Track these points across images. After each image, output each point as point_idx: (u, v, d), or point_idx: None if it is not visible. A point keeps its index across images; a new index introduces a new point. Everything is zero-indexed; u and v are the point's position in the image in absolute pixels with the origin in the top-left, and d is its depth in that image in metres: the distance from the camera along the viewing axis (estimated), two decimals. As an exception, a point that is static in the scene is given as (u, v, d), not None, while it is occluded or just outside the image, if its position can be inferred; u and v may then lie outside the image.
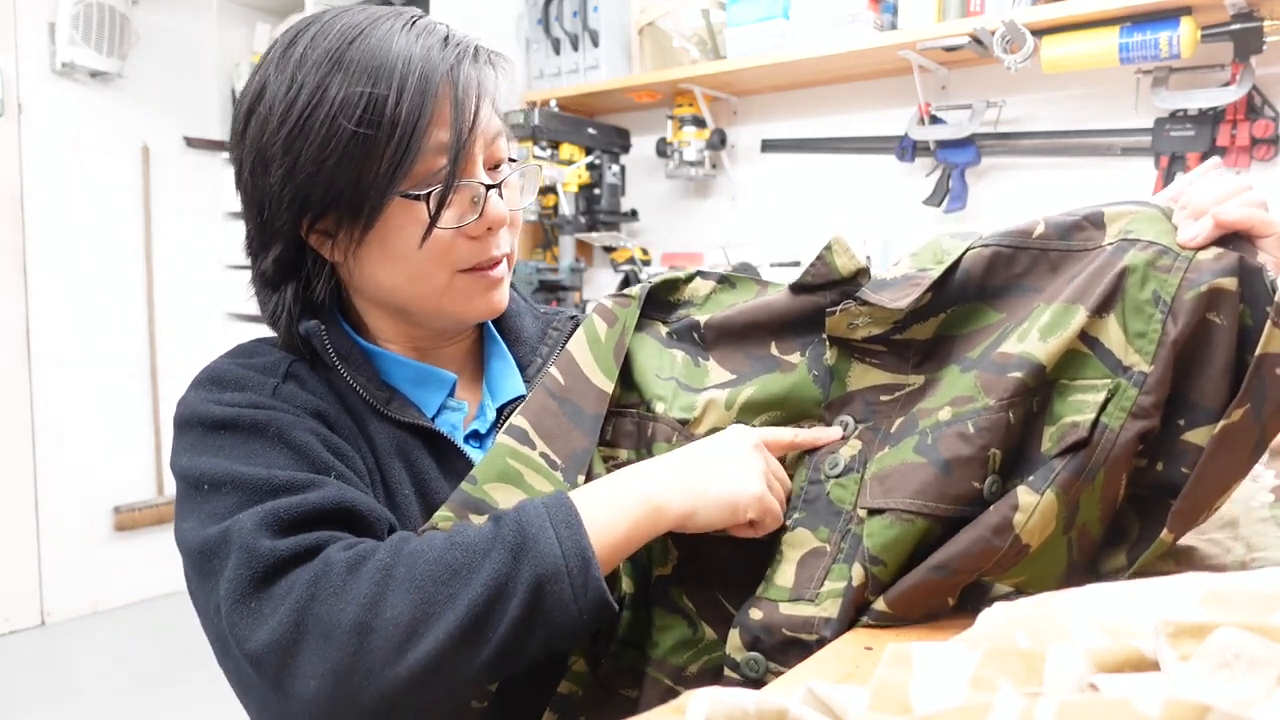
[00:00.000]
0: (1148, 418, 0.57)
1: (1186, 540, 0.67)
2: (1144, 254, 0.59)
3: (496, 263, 0.74)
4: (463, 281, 0.73)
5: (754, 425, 0.71)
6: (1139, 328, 0.58)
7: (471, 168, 0.71)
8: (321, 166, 0.67)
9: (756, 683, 0.62)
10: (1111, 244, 0.62)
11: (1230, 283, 0.57)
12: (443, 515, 0.67)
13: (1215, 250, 0.58)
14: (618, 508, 0.62)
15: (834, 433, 0.68)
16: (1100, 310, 0.59)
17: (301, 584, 0.57)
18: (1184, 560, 0.65)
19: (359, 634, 0.55)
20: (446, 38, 0.71)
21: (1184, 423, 0.59)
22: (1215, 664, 0.33)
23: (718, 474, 0.64)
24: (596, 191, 2.70)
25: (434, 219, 0.69)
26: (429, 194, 0.68)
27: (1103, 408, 0.58)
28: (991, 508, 0.58)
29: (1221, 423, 0.55)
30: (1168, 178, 1.99)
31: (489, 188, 0.71)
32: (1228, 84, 1.87)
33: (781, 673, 0.60)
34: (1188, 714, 0.29)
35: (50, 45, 2.84)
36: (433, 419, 0.77)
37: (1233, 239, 0.58)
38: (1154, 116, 1.99)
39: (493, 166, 0.74)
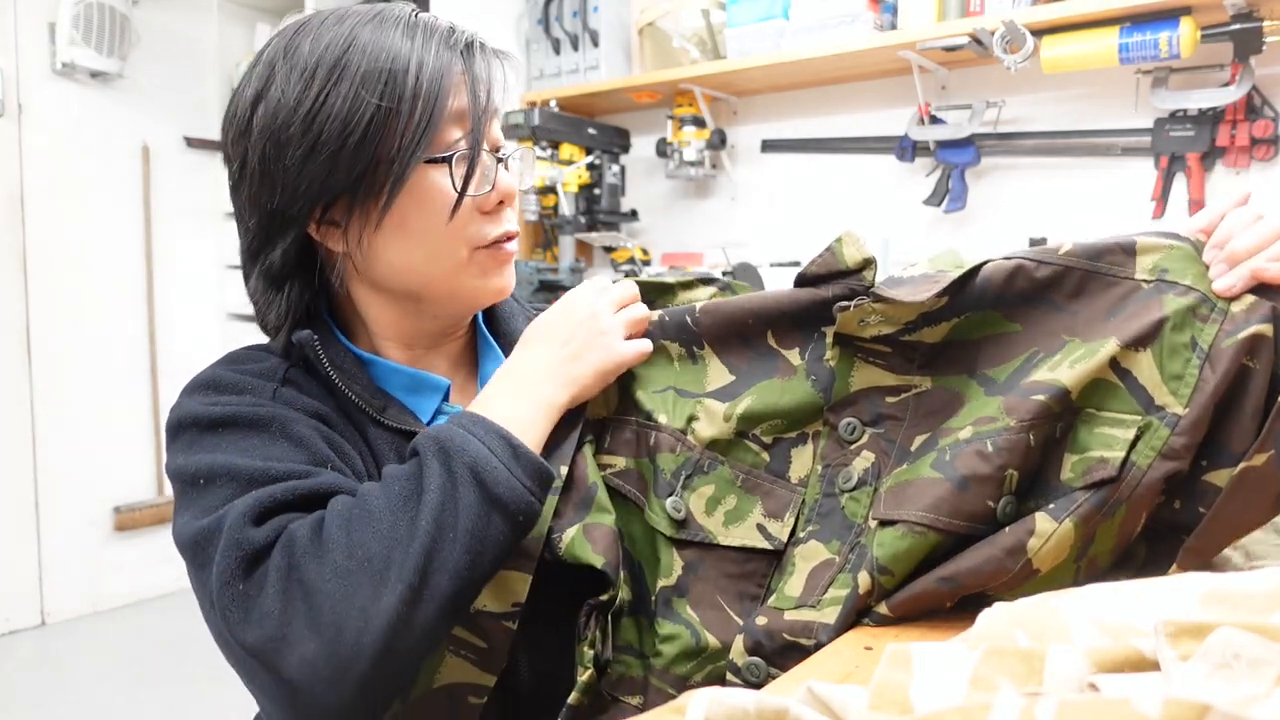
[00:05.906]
0: (1178, 459, 0.57)
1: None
2: (1183, 300, 0.60)
3: (510, 238, 0.76)
4: (481, 257, 0.74)
5: (754, 434, 0.71)
6: (1175, 370, 0.58)
7: (484, 141, 0.73)
8: (345, 143, 0.67)
9: (756, 687, 0.62)
10: (1148, 281, 0.62)
11: (1267, 329, 0.57)
12: None
13: (1250, 299, 0.58)
14: (517, 409, 0.68)
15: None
16: (1135, 344, 0.59)
17: (275, 565, 0.59)
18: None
19: (342, 579, 0.57)
20: (451, 28, 0.73)
21: (1206, 463, 0.59)
22: (1215, 664, 0.33)
23: (590, 354, 0.71)
24: (596, 191, 2.69)
25: (464, 184, 0.70)
26: (453, 156, 0.70)
27: (1132, 445, 0.58)
28: (1007, 529, 0.58)
29: (1241, 464, 0.55)
30: (1167, 178, 1.99)
31: (499, 160, 0.74)
32: (1227, 84, 1.87)
33: (781, 677, 0.60)
34: (1188, 714, 0.29)
35: (50, 45, 2.83)
36: (428, 425, 0.77)
37: (1264, 286, 0.59)
38: (1154, 116, 1.99)
39: (492, 150, 0.76)
